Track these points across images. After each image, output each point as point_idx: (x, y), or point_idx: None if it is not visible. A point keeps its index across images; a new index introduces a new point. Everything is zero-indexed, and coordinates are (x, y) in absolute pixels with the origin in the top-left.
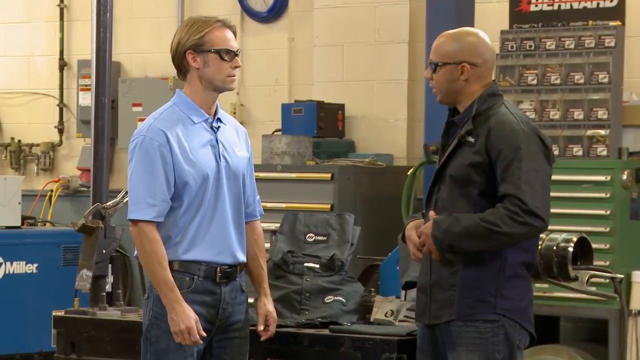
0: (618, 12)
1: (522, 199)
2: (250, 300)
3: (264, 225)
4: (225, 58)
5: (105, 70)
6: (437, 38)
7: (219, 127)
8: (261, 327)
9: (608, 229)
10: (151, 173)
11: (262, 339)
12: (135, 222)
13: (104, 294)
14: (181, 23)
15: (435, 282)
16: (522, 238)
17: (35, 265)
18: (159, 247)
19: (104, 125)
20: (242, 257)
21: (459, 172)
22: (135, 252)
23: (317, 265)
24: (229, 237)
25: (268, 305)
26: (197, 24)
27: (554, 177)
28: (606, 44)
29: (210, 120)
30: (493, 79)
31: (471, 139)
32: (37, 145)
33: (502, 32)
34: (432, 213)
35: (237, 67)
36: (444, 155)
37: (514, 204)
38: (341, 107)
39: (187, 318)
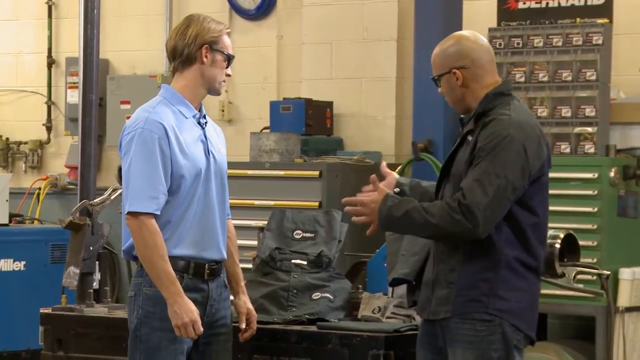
0: (606, 9)
1: (465, 194)
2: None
3: (252, 222)
4: (229, 64)
5: (92, 67)
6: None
7: (205, 123)
8: (243, 325)
9: (595, 227)
10: (151, 165)
11: (245, 336)
12: (135, 214)
13: (91, 290)
14: (190, 17)
15: (436, 279)
16: (452, 236)
17: (23, 262)
18: (160, 240)
19: (92, 122)
20: (225, 254)
21: (457, 171)
22: (125, 246)
23: (305, 262)
24: (216, 233)
25: (248, 303)
26: (214, 23)
27: None
28: (594, 42)
29: (197, 116)
30: (503, 78)
31: (469, 138)
32: (25, 143)
33: (490, 29)
34: (381, 185)
35: (229, 75)
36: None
37: (455, 199)
38: (329, 104)
39: (190, 311)
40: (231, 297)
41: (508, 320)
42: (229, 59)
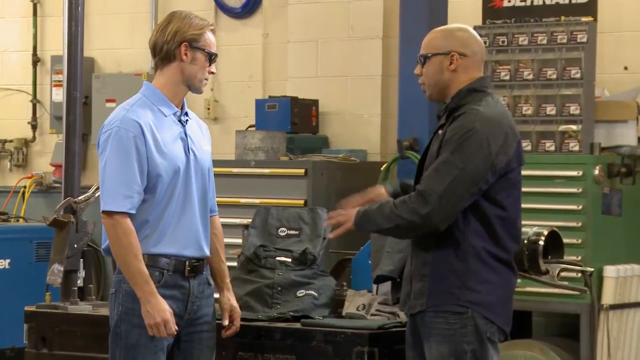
0: (590, 8)
1: (422, 182)
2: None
3: (237, 220)
4: (210, 61)
5: (77, 64)
6: (427, 34)
7: (187, 120)
8: (226, 322)
9: (580, 224)
10: (126, 164)
11: (228, 333)
12: (109, 213)
13: (76, 288)
14: (173, 14)
15: (413, 273)
16: (411, 226)
17: (8, 261)
18: (135, 239)
19: (76, 119)
20: (207, 251)
21: (429, 164)
22: (104, 245)
23: (289, 259)
24: (196, 231)
25: (232, 300)
26: (196, 20)
27: (526, 173)
28: (578, 40)
29: (178, 113)
30: (483, 74)
31: (440, 132)
32: (11, 141)
33: (475, 27)
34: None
35: (212, 72)
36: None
37: (415, 192)
38: (315, 102)
39: (162, 310)
40: (216, 295)
41: (480, 312)
42: (211, 56)
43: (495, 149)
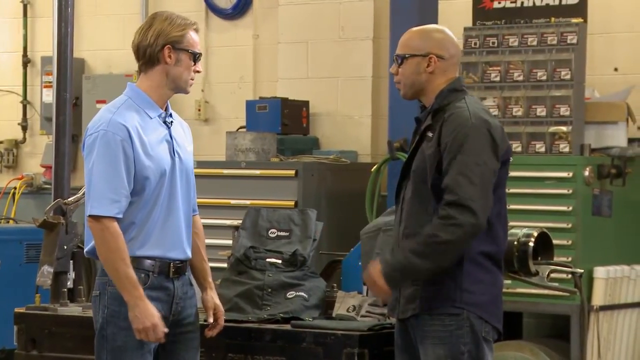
0: (580, 9)
1: (456, 191)
2: None
3: (227, 221)
4: (195, 61)
5: (66, 65)
6: (404, 33)
7: (171, 122)
8: (211, 320)
9: (570, 225)
10: (114, 168)
11: (212, 332)
12: (97, 218)
13: (65, 290)
14: (154, 15)
15: None
16: (463, 240)
17: None
18: (123, 243)
19: (66, 120)
20: (190, 253)
21: (419, 167)
22: (88, 247)
23: (279, 261)
24: (180, 232)
25: (215, 299)
26: (178, 21)
27: (516, 174)
28: (568, 41)
29: (163, 115)
30: (458, 75)
31: (430, 134)
32: (1, 142)
33: (465, 29)
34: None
35: (198, 71)
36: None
37: (445, 206)
38: (305, 104)
39: (151, 315)
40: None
41: (475, 312)
42: (195, 56)
43: (498, 137)
